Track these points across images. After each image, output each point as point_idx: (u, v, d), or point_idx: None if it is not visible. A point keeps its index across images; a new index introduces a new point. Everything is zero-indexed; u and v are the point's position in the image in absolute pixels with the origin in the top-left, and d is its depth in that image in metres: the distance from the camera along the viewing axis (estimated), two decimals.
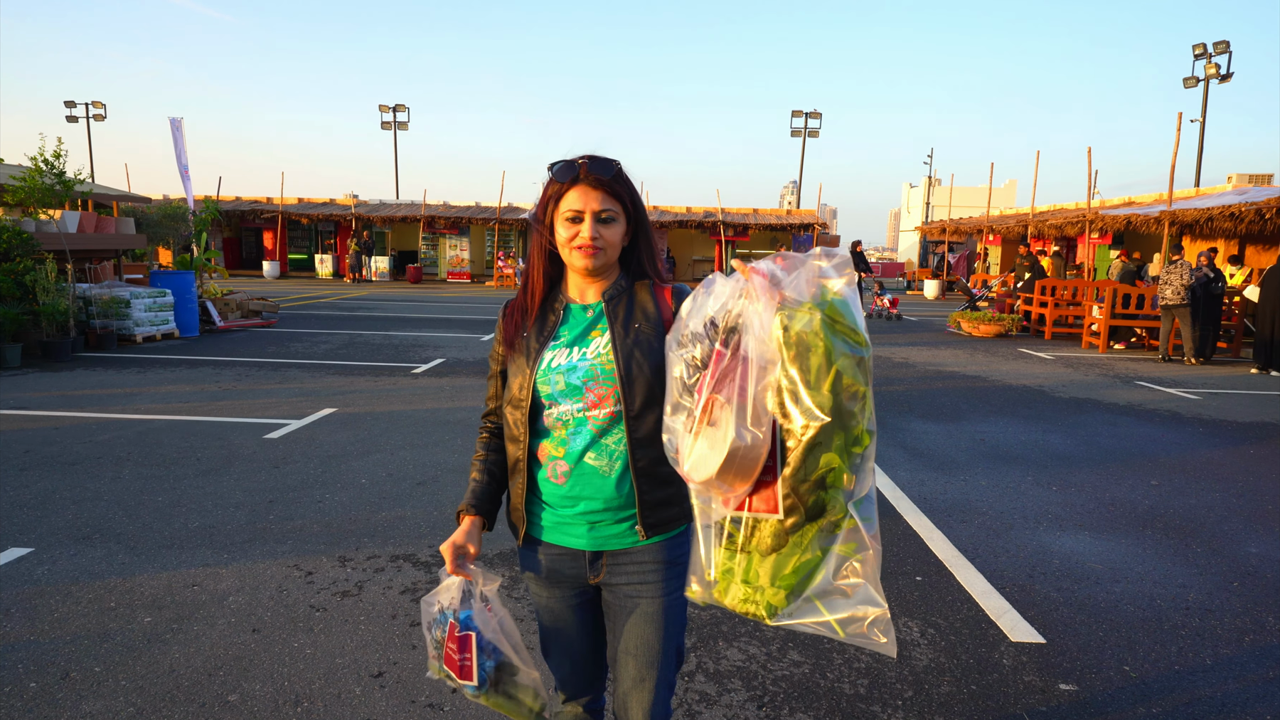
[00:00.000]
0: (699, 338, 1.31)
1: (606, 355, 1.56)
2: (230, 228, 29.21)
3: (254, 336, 11.44)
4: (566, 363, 1.57)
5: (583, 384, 1.56)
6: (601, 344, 1.58)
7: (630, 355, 1.55)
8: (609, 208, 1.55)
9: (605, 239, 1.55)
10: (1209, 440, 6.46)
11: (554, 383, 1.56)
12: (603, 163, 1.56)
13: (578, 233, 1.54)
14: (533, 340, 1.61)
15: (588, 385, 1.55)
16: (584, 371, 1.56)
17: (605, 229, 1.55)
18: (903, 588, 3.49)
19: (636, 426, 1.54)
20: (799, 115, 35.03)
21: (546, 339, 1.60)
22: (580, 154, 1.57)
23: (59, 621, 2.98)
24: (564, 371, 1.56)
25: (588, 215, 1.53)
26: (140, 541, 3.76)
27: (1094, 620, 3.23)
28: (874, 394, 1.31)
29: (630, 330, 1.58)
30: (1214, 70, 25.19)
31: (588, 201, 1.53)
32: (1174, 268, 10.94)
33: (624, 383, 1.54)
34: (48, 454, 5.14)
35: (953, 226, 27.64)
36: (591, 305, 1.63)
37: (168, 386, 7.55)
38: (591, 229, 1.53)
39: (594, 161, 1.55)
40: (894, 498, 4.74)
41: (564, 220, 1.55)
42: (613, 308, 1.61)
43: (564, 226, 1.55)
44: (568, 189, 1.55)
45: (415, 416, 6.52)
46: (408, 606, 3.18)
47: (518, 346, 1.62)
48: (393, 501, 4.43)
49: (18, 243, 9.41)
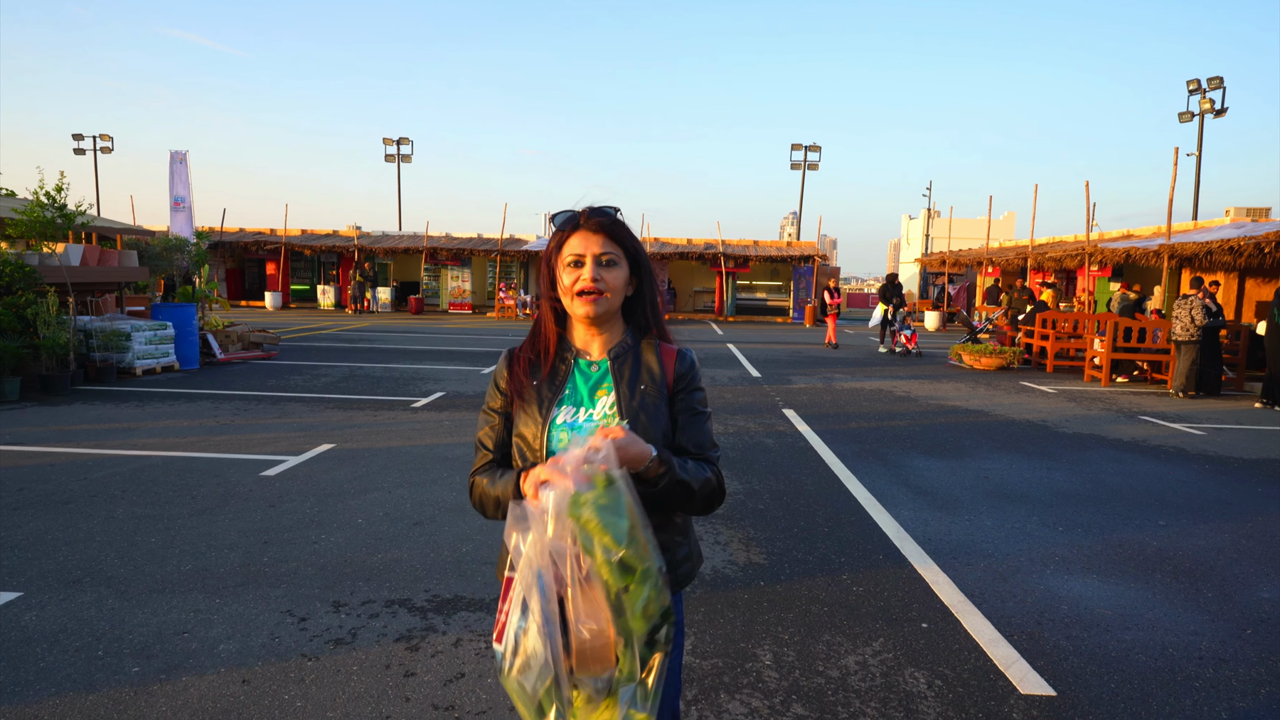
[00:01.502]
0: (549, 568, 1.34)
1: (612, 418, 1.56)
2: (233, 259, 29.37)
3: (254, 369, 11.42)
4: (572, 421, 1.57)
5: None
6: (607, 405, 1.58)
7: (636, 416, 1.55)
8: (609, 251, 1.56)
9: (607, 282, 1.56)
10: (1216, 478, 6.39)
11: (558, 440, 1.56)
12: (602, 209, 1.60)
13: (579, 276, 1.55)
14: (544, 390, 1.60)
15: None
16: (589, 433, 1.55)
17: (607, 272, 1.56)
18: (909, 635, 3.41)
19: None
20: (798, 148, 35.40)
21: (558, 390, 1.60)
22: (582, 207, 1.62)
23: (44, 672, 2.90)
24: (569, 429, 1.56)
25: (589, 258, 1.55)
26: (131, 585, 3.69)
27: (1105, 670, 3.15)
28: (876, 430, 1.31)
29: (636, 392, 1.58)
30: (1209, 105, 25.48)
31: (588, 245, 1.55)
32: (1183, 303, 10.97)
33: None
34: (42, 492, 5.08)
35: (952, 258, 27.75)
36: (598, 362, 1.63)
37: (165, 421, 7.50)
38: (593, 271, 1.54)
39: (594, 209, 1.59)
40: (898, 539, 4.66)
41: (566, 266, 1.56)
42: (618, 367, 1.61)
43: (567, 272, 1.57)
44: (569, 235, 1.57)
45: (414, 453, 6.47)
46: (401, 655, 3.10)
47: (528, 395, 1.61)
48: (389, 542, 4.36)
49: (20, 276, 9.43)
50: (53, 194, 10.49)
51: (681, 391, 1.63)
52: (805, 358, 15.42)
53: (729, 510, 5.13)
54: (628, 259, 1.59)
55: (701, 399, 1.65)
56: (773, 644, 3.29)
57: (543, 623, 1.28)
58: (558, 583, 1.29)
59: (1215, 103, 25.46)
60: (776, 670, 3.08)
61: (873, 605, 3.72)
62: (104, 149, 37.99)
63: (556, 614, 1.29)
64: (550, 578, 1.29)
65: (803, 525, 4.89)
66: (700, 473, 1.54)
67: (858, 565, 4.23)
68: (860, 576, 4.07)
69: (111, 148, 38.07)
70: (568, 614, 1.30)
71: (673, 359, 1.63)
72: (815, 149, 35.30)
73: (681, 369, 1.64)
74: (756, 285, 32.91)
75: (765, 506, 5.26)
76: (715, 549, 4.41)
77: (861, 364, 14.49)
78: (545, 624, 1.28)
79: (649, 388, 1.59)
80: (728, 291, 28.44)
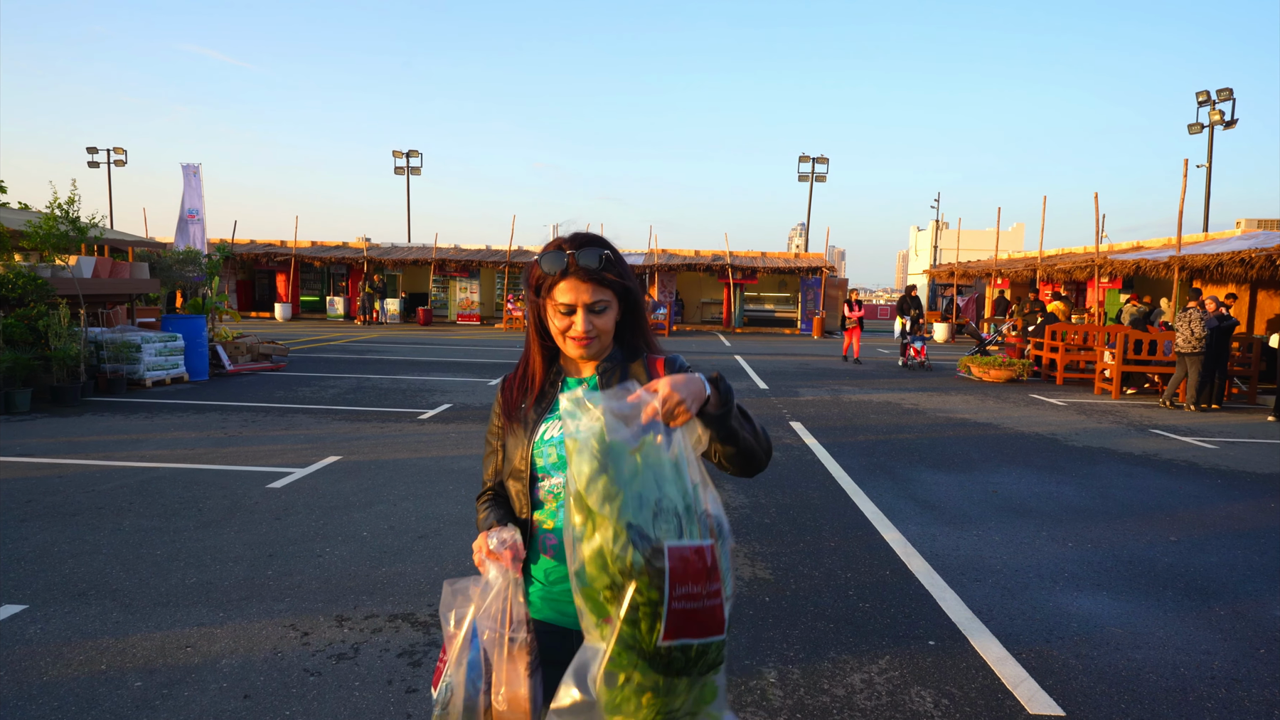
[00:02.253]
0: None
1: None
2: (244, 270, 29.58)
3: (263, 380, 11.47)
4: (559, 435, 1.55)
5: None
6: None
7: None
8: (601, 298, 1.52)
9: (598, 328, 1.54)
10: (1228, 492, 6.32)
11: (547, 455, 1.55)
12: (590, 252, 1.49)
13: (571, 324, 1.53)
14: (530, 413, 1.61)
15: None
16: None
17: (598, 319, 1.54)
18: (915, 652, 3.38)
19: None
20: (806, 160, 35.45)
21: (544, 410, 1.60)
22: (569, 234, 1.56)
23: (48, 686, 2.90)
24: (556, 444, 1.55)
25: (580, 309, 1.52)
26: (136, 598, 3.69)
27: (1115, 690, 3.10)
28: (884, 443, 1.31)
29: None
30: (1218, 116, 25.40)
31: (579, 294, 1.51)
32: (1183, 316, 10.93)
33: None
34: (49, 504, 5.10)
35: (961, 270, 27.69)
36: (586, 379, 1.63)
37: (174, 433, 7.53)
38: (584, 323, 1.52)
39: (581, 252, 1.49)
40: (905, 554, 4.63)
41: (557, 312, 1.54)
42: (606, 380, 1.60)
43: (557, 317, 1.54)
44: (558, 280, 1.52)
45: (419, 465, 6.47)
46: (404, 671, 3.09)
47: (515, 418, 1.62)
48: (393, 556, 4.35)
49: (32, 288, 9.52)
50: (65, 207, 10.61)
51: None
52: (813, 370, 15.37)
53: (735, 523, 5.11)
54: (618, 297, 1.57)
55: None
56: (777, 661, 3.26)
57: (466, 684, 1.41)
58: (486, 648, 1.42)
59: (1225, 114, 25.37)
60: (781, 688, 3.05)
61: (879, 622, 3.68)
62: (117, 162, 38.42)
63: (484, 678, 1.41)
64: (483, 643, 1.41)
65: (809, 540, 4.86)
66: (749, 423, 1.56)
67: (864, 581, 4.20)
68: (866, 592, 4.04)
69: (125, 160, 38.49)
70: (492, 680, 1.41)
71: (661, 364, 1.62)
72: (823, 161, 35.36)
73: (672, 371, 1.61)
74: (764, 296, 32.90)
75: (771, 520, 5.23)
76: None
77: (870, 376, 14.44)
78: (469, 685, 1.41)
79: None
80: (735, 303, 28.43)
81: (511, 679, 1.38)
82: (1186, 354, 10.86)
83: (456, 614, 1.45)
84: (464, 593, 1.46)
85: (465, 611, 1.45)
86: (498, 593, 1.43)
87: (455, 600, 1.46)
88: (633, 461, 1.23)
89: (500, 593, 1.43)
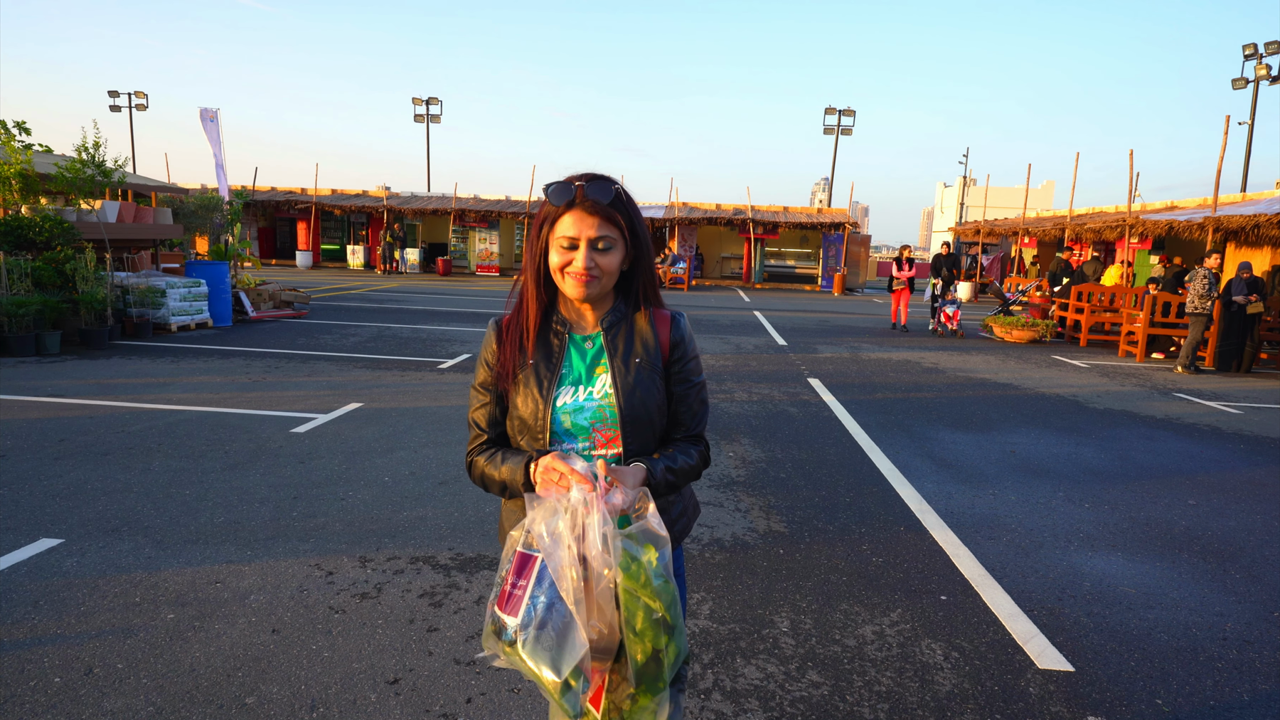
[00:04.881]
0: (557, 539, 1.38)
1: (612, 396, 1.54)
2: (265, 218, 29.66)
3: (285, 327, 11.59)
4: (574, 402, 1.53)
5: (590, 425, 1.54)
6: (607, 382, 1.55)
7: (632, 394, 1.53)
8: (606, 234, 1.46)
9: (601, 267, 1.48)
10: (1250, 458, 6.26)
11: (561, 421, 1.53)
12: (601, 185, 1.45)
13: (571, 260, 1.47)
14: (542, 369, 1.54)
15: (595, 427, 1.54)
16: (591, 413, 1.53)
17: (601, 257, 1.48)
18: (927, 607, 3.42)
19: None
20: (832, 113, 34.65)
21: (556, 369, 1.54)
22: (580, 173, 1.49)
23: (85, 615, 3.02)
24: (571, 411, 1.53)
25: (583, 243, 1.46)
26: (167, 535, 3.81)
27: (1125, 648, 3.13)
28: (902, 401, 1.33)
29: (630, 366, 1.55)
30: (1265, 71, 24.41)
31: (583, 228, 1.45)
32: (1193, 276, 10.94)
33: (625, 422, 1.52)
34: (82, 444, 5.24)
35: (987, 228, 27.15)
36: (591, 336, 1.58)
37: (200, 377, 7.67)
38: (586, 258, 1.46)
39: (591, 184, 1.45)
40: (919, 511, 4.65)
41: (559, 246, 1.47)
42: (611, 338, 1.56)
43: (558, 252, 1.48)
44: (563, 213, 1.46)
45: (439, 413, 6.55)
46: (425, 611, 3.18)
47: (524, 374, 1.55)
48: (414, 501, 4.44)
49: (59, 232, 9.62)
50: (91, 150, 10.64)
51: (677, 361, 1.60)
52: (832, 326, 15.27)
53: (750, 477, 5.15)
54: (625, 238, 1.50)
55: (696, 367, 1.63)
56: (790, 611, 3.32)
57: (574, 606, 1.32)
58: (583, 569, 1.35)
59: (1272, 69, 24.38)
60: (793, 637, 3.11)
61: (892, 576, 3.72)
62: (139, 106, 38.32)
63: (581, 603, 1.33)
64: (576, 571, 1.33)
65: (824, 495, 4.89)
66: (686, 460, 1.57)
67: (878, 536, 4.23)
68: (880, 547, 4.08)
69: (146, 105, 38.37)
70: (580, 611, 1.34)
71: (667, 326, 1.59)
72: (849, 113, 34.54)
73: (676, 335, 1.59)
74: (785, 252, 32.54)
75: (787, 475, 5.26)
76: (735, 515, 4.43)
77: (889, 334, 14.33)
78: (576, 608, 1.32)
79: (643, 360, 1.55)
80: (756, 258, 28.16)
81: (602, 615, 1.35)
82: (1194, 314, 10.83)
83: (549, 529, 1.34)
84: (552, 509, 1.36)
85: (557, 528, 1.34)
86: (589, 515, 1.34)
87: (543, 514, 1.36)
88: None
89: (593, 515, 1.34)
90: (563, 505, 1.35)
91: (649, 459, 1.52)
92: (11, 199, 10.04)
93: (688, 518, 1.71)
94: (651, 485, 1.48)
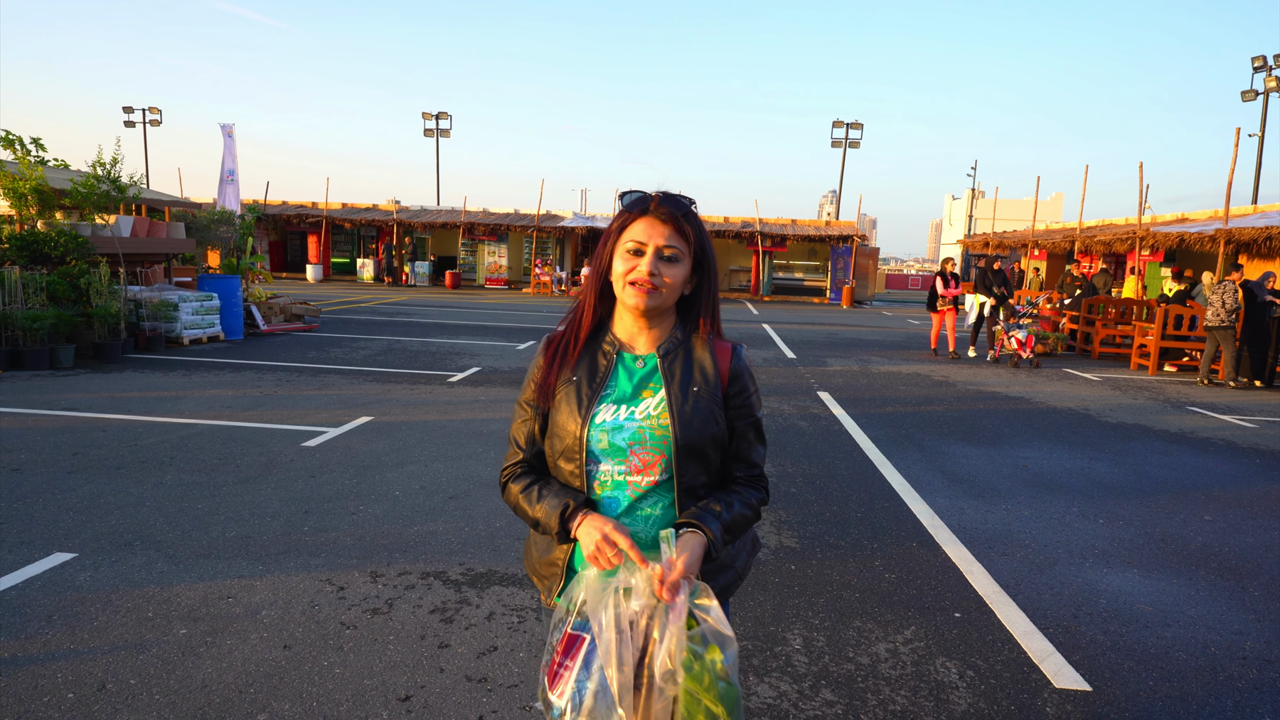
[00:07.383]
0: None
1: (658, 419, 1.46)
2: (276, 231, 29.88)
3: (295, 341, 11.65)
4: (613, 420, 1.47)
5: (628, 446, 1.46)
6: (653, 405, 1.47)
7: (689, 423, 1.45)
8: (674, 245, 1.44)
9: (664, 278, 1.45)
10: (1267, 473, 6.20)
11: (597, 440, 1.47)
12: (677, 199, 1.47)
13: (635, 266, 1.44)
14: (584, 386, 1.50)
15: (633, 449, 1.46)
16: (631, 433, 1.46)
17: (666, 267, 1.44)
18: (941, 624, 3.39)
19: (686, 500, 1.47)
20: (840, 126, 34.74)
21: (599, 388, 1.49)
22: (657, 190, 1.51)
23: (98, 630, 3.03)
24: (609, 430, 1.46)
25: (650, 249, 1.43)
26: (179, 550, 3.82)
27: (1143, 668, 3.09)
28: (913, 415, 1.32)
29: (689, 394, 1.47)
30: (1274, 83, 24.36)
31: (652, 235, 1.44)
32: (1219, 288, 10.71)
33: (680, 452, 1.45)
34: (95, 457, 5.27)
35: (996, 240, 27.08)
36: (644, 357, 1.52)
37: (211, 390, 7.71)
38: (651, 264, 1.43)
39: (667, 196, 1.47)
40: (932, 526, 4.62)
41: (624, 252, 1.45)
42: (668, 364, 1.50)
43: (623, 259, 1.45)
44: (634, 219, 1.46)
45: (450, 427, 6.56)
46: (436, 627, 3.17)
47: (565, 390, 1.51)
48: (425, 515, 4.44)
49: (73, 246, 9.72)
50: (108, 166, 10.77)
51: (737, 394, 1.53)
52: (841, 340, 15.24)
53: None
54: (692, 255, 1.48)
55: (756, 400, 1.57)
56: (803, 628, 3.30)
57: (619, 696, 1.31)
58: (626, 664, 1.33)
59: None
60: (806, 655, 3.08)
61: (905, 593, 3.69)
62: (153, 121, 38.77)
63: (628, 696, 1.32)
64: (626, 655, 1.33)
65: (835, 510, 4.87)
66: (744, 511, 1.51)
67: (890, 552, 4.20)
68: (893, 563, 4.05)
69: (160, 120, 38.83)
70: (626, 703, 1.32)
71: (727, 356, 1.53)
72: (857, 126, 34.62)
73: (737, 366, 1.53)
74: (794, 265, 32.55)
75: (798, 490, 5.24)
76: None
77: (899, 347, 14.29)
78: (620, 697, 1.32)
79: (702, 389, 1.48)
80: (764, 271, 28.17)
81: (661, 713, 1.31)
82: (1215, 328, 10.65)
83: (598, 615, 1.34)
84: (601, 590, 1.36)
85: (609, 615, 1.34)
86: (648, 608, 1.34)
87: (593, 593, 1.35)
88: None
89: (650, 609, 1.34)
90: (613, 584, 1.34)
91: (707, 513, 1.45)
92: (27, 214, 10.16)
93: (746, 555, 1.65)
94: (712, 555, 1.43)
